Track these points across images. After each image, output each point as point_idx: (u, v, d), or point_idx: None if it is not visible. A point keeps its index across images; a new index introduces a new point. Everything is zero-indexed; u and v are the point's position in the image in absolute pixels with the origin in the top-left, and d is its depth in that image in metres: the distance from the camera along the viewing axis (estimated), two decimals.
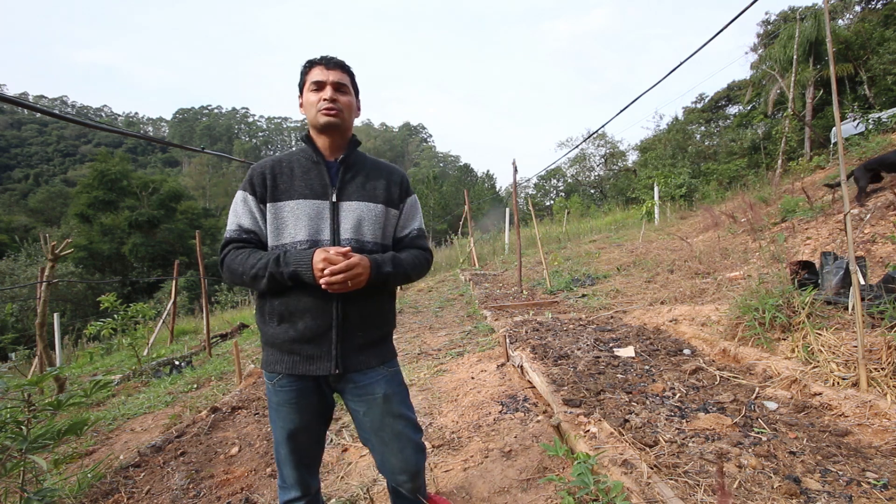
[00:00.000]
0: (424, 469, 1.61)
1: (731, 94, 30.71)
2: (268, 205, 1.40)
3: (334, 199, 1.41)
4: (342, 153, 1.47)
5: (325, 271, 1.26)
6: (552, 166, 37.09)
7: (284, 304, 1.37)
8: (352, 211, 1.42)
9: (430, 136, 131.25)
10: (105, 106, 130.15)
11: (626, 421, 2.31)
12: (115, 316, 6.97)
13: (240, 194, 1.43)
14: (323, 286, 1.28)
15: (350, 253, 1.31)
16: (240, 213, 1.42)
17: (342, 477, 2.31)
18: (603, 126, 8.76)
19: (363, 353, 1.44)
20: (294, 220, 1.38)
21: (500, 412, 2.72)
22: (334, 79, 1.41)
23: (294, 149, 1.51)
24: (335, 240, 1.39)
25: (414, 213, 1.57)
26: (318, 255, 1.29)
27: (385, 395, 1.46)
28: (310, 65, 1.45)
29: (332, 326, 1.37)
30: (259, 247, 1.42)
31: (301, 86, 1.48)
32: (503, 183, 60.92)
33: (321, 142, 1.46)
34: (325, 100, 1.40)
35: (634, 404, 2.52)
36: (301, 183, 1.41)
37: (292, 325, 1.37)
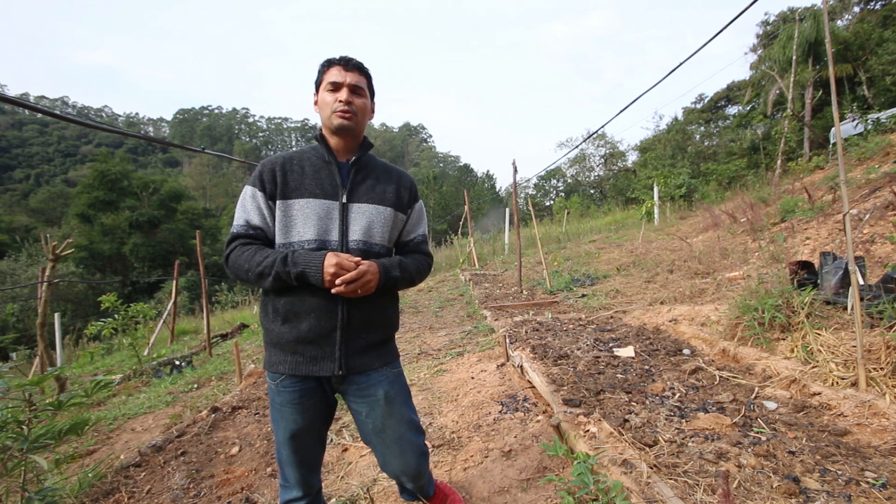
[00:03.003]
0: (427, 471, 1.61)
1: (730, 94, 30.73)
2: (277, 202, 1.37)
3: (344, 199, 1.41)
4: (354, 155, 1.47)
5: (338, 280, 1.27)
6: (552, 166, 37.11)
7: (289, 304, 1.36)
8: (362, 213, 1.42)
9: (430, 136, 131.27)
10: (106, 106, 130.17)
11: (626, 421, 2.32)
12: (116, 316, 6.96)
13: (248, 189, 1.39)
14: (333, 292, 1.29)
15: (360, 260, 1.31)
16: (248, 208, 1.39)
17: (342, 477, 2.31)
18: (603, 126, 8.78)
19: (366, 354, 1.44)
20: (303, 219, 1.36)
21: (500, 412, 2.72)
22: (351, 81, 1.40)
23: (304, 147, 1.49)
24: (343, 241, 1.38)
25: (420, 219, 1.59)
26: (330, 259, 1.27)
27: (387, 396, 1.47)
28: (328, 64, 1.43)
29: (336, 327, 1.37)
30: (266, 244, 1.40)
31: (318, 84, 1.45)
32: (503, 183, 60.96)
33: (334, 142, 1.45)
34: (340, 101, 1.38)
35: (634, 404, 2.53)
36: (311, 181, 1.39)
37: (296, 325, 1.36)
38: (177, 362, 6.45)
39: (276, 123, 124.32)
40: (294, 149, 1.47)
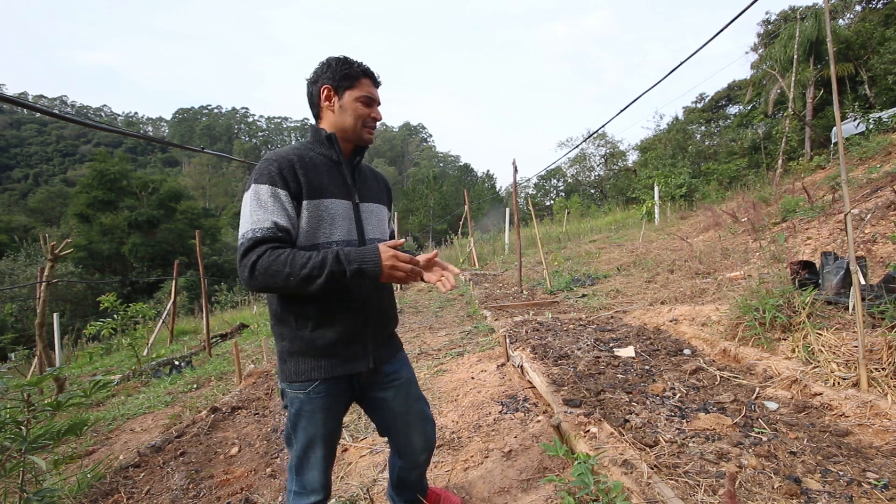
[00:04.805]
0: None
1: (731, 93, 30.75)
2: (304, 202, 1.30)
3: (356, 199, 1.44)
4: (354, 156, 1.49)
5: (399, 269, 1.23)
6: (552, 166, 37.16)
7: (322, 308, 1.33)
8: (371, 212, 1.48)
9: (430, 136, 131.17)
10: (105, 106, 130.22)
11: (627, 421, 2.31)
12: (115, 316, 6.97)
13: (267, 189, 1.25)
14: (393, 281, 1.27)
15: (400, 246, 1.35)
16: (272, 209, 1.25)
17: (342, 477, 2.30)
18: (603, 126, 8.77)
19: (387, 344, 1.53)
20: (330, 220, 1.34)
21: (500, 412, 2.72)
22: (378, 98, 1.46)
23: (299, 144, 1.43)
24: (362, 240, 1.41)
25: (392, 214, 1.71)
26: (387, 252, 1.23)
27: (408, 377, 1.58)
28: (362, 73, 1.40)
29: (367, 323, 1.42)
30: (292, 247, 1.28)
31: (339, 84, 1.38)
32: (503, 183, 61.02)
33: (343, 145, 1.44)
34: (374, 118, 1.43)
35: (634, 404, 2.52)
36: (329, 181, 1.37)
37: (332, 328, 1.34)
38: (176, 362, 6.45)
39: (276, 123, 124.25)
40: (290, 145, 1.45)
